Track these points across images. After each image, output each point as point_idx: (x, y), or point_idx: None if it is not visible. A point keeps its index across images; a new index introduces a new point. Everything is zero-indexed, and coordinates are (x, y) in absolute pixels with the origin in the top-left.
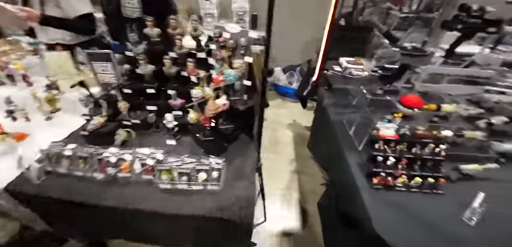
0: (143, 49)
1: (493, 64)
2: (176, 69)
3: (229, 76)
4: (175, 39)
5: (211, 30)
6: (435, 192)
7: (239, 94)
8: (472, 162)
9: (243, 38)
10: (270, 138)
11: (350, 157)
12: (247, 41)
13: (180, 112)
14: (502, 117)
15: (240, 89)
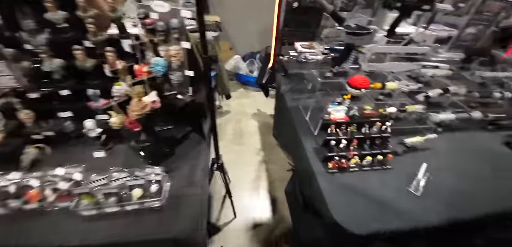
0: (45, 39)
1: (428, 41)
2: (92, 63)
3: (156, 66)
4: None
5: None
6: (385, 167)
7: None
8: (415, 135)
9: (175, 19)
10: (235, 130)
11: (306, 142)
12: (180, 23)
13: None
14: (437, 90)
15: (183, 81)
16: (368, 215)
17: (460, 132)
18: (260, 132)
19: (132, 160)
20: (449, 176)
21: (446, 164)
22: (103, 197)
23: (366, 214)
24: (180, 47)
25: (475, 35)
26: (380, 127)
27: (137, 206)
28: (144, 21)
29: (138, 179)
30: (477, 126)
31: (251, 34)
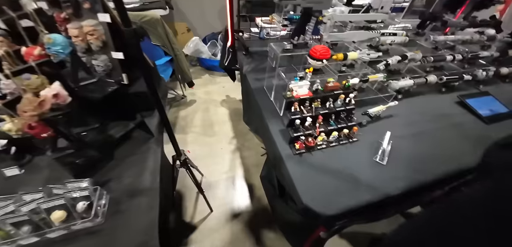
0: None
1: (385, 7)
2: None
3: (54, 46)
4: None
5: None
6: (351, 140)
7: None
8: (377, 103)
9: None
10: (204, 120)
11: (272, 125)
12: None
13: None
14: (396, 57)
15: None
16: (338, 193)
17: (418, 96)
18: (231, 119)
19: (59, 174)
20: (411, 141)
21: (407, 129)
22: (13, 227)
23: (336, 193)
24: (96, 22)
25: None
26: (344, 99)
27: (64, 231)
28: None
29: (58, 198)
30: (433, 89)
31: (211, 13)
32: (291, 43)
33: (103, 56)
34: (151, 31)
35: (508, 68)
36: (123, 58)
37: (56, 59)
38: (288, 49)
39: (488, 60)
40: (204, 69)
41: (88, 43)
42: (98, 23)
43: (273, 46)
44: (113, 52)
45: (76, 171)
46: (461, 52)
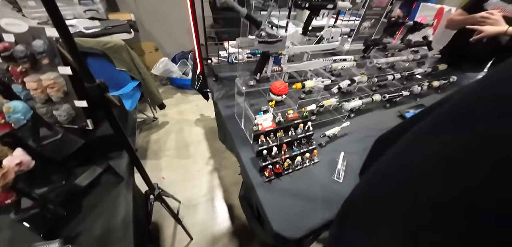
0: None
1: (335, 37)
2: None
3: (14, 114)
4: None
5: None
6: (313, 162)
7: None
8: (333, 124)
9: (40, 41)
10: (178, 142)
11: (243, 152)
12: (46, 45)
13: None
14: (346, 81)
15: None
16: (303, 215)
17: (368, 113)
18: (207, 138)
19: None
20: (362, 155)
21: (359, 145)
22: None
23: (301, 215)
24: (56, 75)
25: (370, 27)
26: (303, 127)
27: None
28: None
29: None
30: (379, 105)
31: (179, 32)
32: (254, 79)
33: (66, 106)
34: (115, 57)
35: (438, 81)
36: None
37: (17, 126)
38: (253, 85)
39: (423, 75)
40: (176, 88)
41: (47, 94)
42: (58, 75)
43: (238, 83)
44: (76, 101)
45: (42, 230)
46: (400, 71)
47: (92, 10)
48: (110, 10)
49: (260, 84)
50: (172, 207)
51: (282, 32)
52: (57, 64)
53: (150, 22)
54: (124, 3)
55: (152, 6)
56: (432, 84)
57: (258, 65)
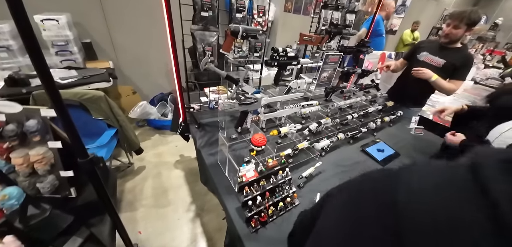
0: None
1: (301, 86)
2: None
3: (9, 201)
4: None
5: None
6: (294, 205)
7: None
8: (307, 165)
9: (33, 121)
10: (155, 189)
11: (229, 203)
12: (39, 124)
13: None
14: (314, 124)
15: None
16: None
17: (336, 150)
18: (187, 181)
19: None
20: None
21: (331, 182)
22: None
23: None
24: (46, 150)
25: (328, 76)
26: (283, 173)
27: None
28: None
29: None
30: (344, 143)
31: (158, 73)
32: (237, 132)
33: (50, 177)
34: (92, 107)
35: (388, 116)
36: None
37: (8, 211)
38: (235, 138)
39: (376, 112)
40: (153, 129)
41: (33, 168)
42: (47, 150)
43: (221, 137)
44: (62, 172)
45: None
46: (356, 110)
47: (69, 60)
48: (88, 59)
49: (241, 136)
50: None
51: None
52: (48, 140)
53: (129, 67)
54: (103, 52)
55: (131, 52)
56: (384, 119)
57: (239, 120)
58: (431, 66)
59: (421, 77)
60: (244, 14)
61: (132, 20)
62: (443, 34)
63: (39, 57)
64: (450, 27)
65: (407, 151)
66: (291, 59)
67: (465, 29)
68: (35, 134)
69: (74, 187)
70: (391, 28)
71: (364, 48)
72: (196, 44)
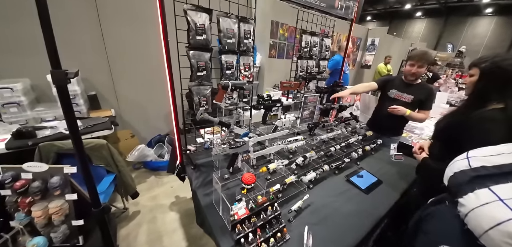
0: None
1: (286, 124)
2: None
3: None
4: None
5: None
6: (285, 240)
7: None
8: (296, 198)
9: (57, 177)
10: (149, 235)
11: (223, 242)
12: (61, 179)
13: None
14: (300, 158)
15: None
16: None
17: (323, 181)
18: (182, 224)
19: None
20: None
21: (319, 214)
22: None
23: None
24: (63, 202)
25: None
26: (272, 209)
27: None
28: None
29: None
30: (330, 174)
31: (156, 117)
32: (229, 172)
33: (63, 227)
34: (94, 155)
35: (369, 145)
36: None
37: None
38: (227, 178)
39: (357, 142)
40: (149, 171)
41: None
42: (64, 202)
43: (215, 177)
44: (74, 221)
45: None
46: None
47: (75, 111)
48: (92, 109)
49: (234, 175)
50: None
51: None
52: (66, 192)
53: (129, 114)
54: (106, 101)
55: (132, 99)
56: (365, 148)
57: (230, 162)
58: (401, 102)
59: (397, 114)
60: (233, 70)
61: (135, 70)
62: (410, 73)
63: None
64: (416, 67)
65: (388, 178)
66: (275, 102)
67: (426, 67)
68: (57, 189)
69: (82, 235)
70: (366, 64)
71: (338, 88)
72: (193, 97)
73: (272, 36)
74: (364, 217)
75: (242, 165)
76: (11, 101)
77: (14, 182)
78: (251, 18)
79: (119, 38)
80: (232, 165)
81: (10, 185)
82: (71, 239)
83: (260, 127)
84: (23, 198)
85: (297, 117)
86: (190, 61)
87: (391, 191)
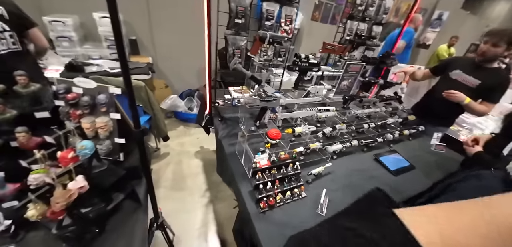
0: None
1: (319, 92)
2: None
3: (84, 150)
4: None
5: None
6: (301, 197)
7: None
8: (318, 163)
9: (103, 95)
10: (175, 174)
11: (242, 186)
12: (107, 98)
13: (15, 202)
14: (329, 128)
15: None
16: None
17: (348, 156)
18: (205, 170)
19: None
20: (342, 192)
21: (339, 183)
22: None
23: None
24: (108, 119)
25: (348, 85)
26: (293, 166)
27: None
28: (65, 95)
29: None
30: (357, 149)
31: (188, 72)
32: (255, 125)
33: (107, 141)
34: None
35: (408, 130)
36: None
37: (82, 158)
38: (253, 131)
39: (396, 124)
40: (179, 121)
41: (96, 132)
42: (109, 119)
43: (242, 127)
44: (117, 139)
45: (72, 245)
46: (374, 120)
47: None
48: (132, 53)
49: (259, 129)
50: None
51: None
52: (111, 111)
53: (165, 64)
54: (145, 48)
55: (168, 51)
56: (403, 132)
57: (258, 115)
58: (464, 86)
59: (454, 100)
60: (273, 22)
61: (172, 22)
62: (480, 52)
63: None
64: (488, 44)
65: (423, 165)
66: (312, 66)
67: (505, 48)
68: (103, 106)
69: (122, 153)
70: (424, 42)
71: (389, 60)
72: (228, 47)
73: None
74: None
75: (269, 122)
76: (63, 35)
77: (67, 94)
78: None
79: None
80: (259, 119)
81: (63, 96)
82: (113, 154)
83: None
84: (74, 110)
85: (333, 86)
86: (230, 4)
87: (423, 178)
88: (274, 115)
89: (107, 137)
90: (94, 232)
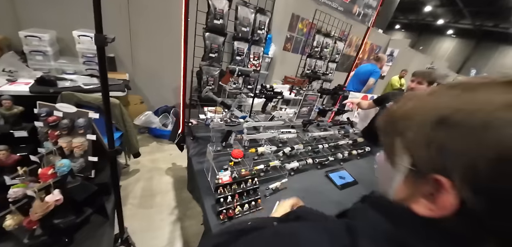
0: None
1: (283, 116)
2: None
3: (62, 168)
4: None
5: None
6: (258, 209)
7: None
8: (275, 180)
9: (82, 119)
10: (144, 191)
11: (206, 200)
12: (86, 122)
13: None
14: (288, 147)
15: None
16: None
17: (304, 172)
18: (175, 187)
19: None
20: None
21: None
22: None
23: None
24: (84, 140)
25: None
26: (252, 182)
27: None
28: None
29: None
30: (312, 167)
31: (165, 89)
32: (221, 145)
33: (81, 160)
34: None
35: (356, 150)
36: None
37: (59, 175)
38: (219, 150)
39: (346, 146)
40: (153, 137)
41: (71, 151)
42: (85, 140)
43: (209, 148)
44: (90, 157)
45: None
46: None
47: (93, 69)
48: (108, 70)
49: (225, 149)
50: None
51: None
52: (87, 133)
53: (141, 80)
54: (122, 64)
55: (146, 66)
56: (352, 152)
57: (224, 137)
58: None
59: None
60: (243, 57)
61: (153, 40)
62: (409, 87)
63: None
64: (415, 82)
65: (366, 181)
66: (276, 94)
67: (427, 85)
68: (81, 128)
69: (94, 170)
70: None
71: (341, 91)
72: (202, 75)
73: (290, 29)
74: (331, 205)
75: (235, 142)
76: (38, 49)
77: (48, 116)
78: (268, 11)
79: (143, 5)
80: (225, 140)
81: (44, 118)
82: (85, 171)
83: (259, 115)
84: (53, 131)
85: (296, 112)
86: (205, 42)
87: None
88: (240, 136)
89: (81, 156)
90: (63, 242)
